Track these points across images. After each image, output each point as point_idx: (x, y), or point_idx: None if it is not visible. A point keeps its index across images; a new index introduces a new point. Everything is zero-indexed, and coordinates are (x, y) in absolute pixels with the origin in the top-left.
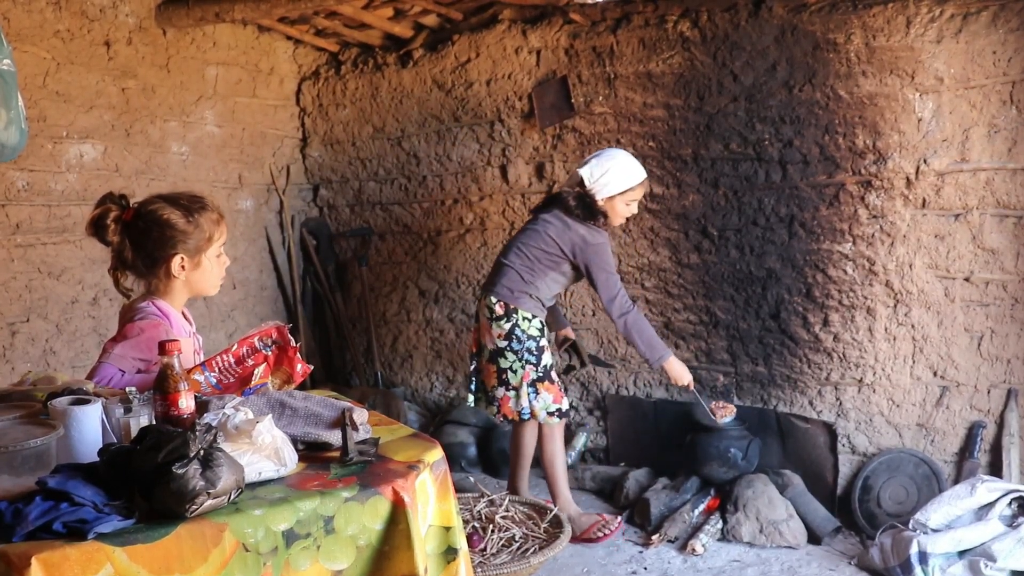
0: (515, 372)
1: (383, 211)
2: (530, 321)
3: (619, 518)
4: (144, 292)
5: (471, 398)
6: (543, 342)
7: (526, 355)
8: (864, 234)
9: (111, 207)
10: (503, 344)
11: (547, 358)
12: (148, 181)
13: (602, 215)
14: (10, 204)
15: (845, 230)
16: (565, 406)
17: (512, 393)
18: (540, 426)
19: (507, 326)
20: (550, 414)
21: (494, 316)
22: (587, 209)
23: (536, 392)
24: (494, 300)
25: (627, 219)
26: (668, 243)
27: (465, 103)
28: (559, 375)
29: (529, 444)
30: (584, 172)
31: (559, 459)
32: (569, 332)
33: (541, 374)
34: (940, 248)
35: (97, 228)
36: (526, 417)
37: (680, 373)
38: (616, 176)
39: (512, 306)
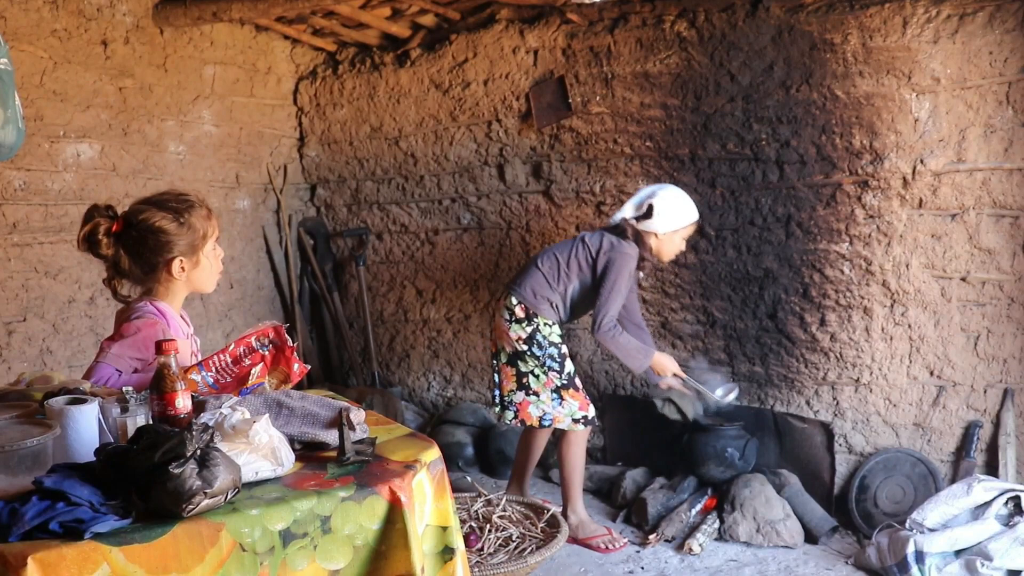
0: (537, 377)
1: (380, 211)
2: (551, 327)
3: (625, 540)
4: (142, 294)
5: (496, 410)
6: (564, 348)
7: (548, 361)
8: (861, 234)
9: (100, 221)
10: (523, 348)
11: (570, 365)
12: (145, 181)
13: (648, 250)
14: (7, 203)
15: (842, 230)
16: (592, 413)
17: (533, 398)
18: (564, 430)
19: (528, 330)
20: (575, 421)
21: (514, 318)
22: (638, 240)
23: (560, 399)
24: (515, 301)
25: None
26: None
27: (462, 103)
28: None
29: (538, 450)
30: (657, 202)
31: (579, 465)
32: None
33: (565, 381)
34: (937, 248)
35: (90, 244)
36: (547, 424)
37: (666, 364)
38: (683, 210)
39: (532, 311)
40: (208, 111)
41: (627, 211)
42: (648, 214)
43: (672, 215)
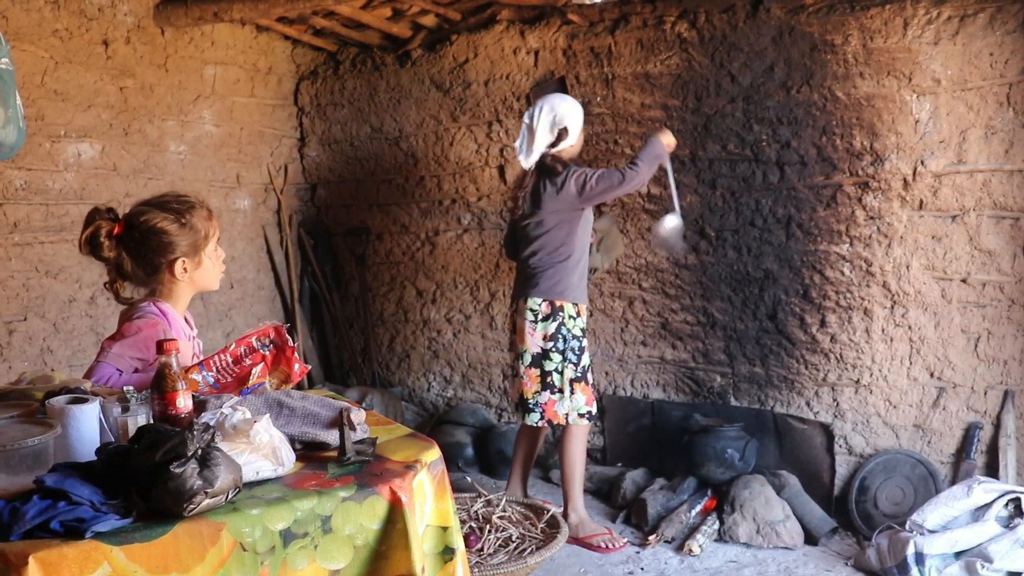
0: (560, 373)
1: (381, 211)
2: (575, 320)
3: (625, 540)
4: (146, 295)
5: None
6: (585, 342)
7: (569, 354)
8: (861, 235)
9: (102, 223)
10: (548, 345)
11: (586, 359)
12: (146, 180)
13: (571, 162)
14: (8, 203)
15: (842, 231)
16: (595, 409)
17: (558, 396)
18: (565, 427)
19: (553, 326)
20: (581, 415)
21: (539, 317)
22: (563, 163)
23: (572, 392)
24: (539, 300)
25: (624, 219)
26: None
27: (463, 103)
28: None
29: (537, 447)
30: (567, 122)
31: (581, 461)
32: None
33: (579, 374)
34: (937, 249)
35: (92, 247)
36: (572, 420)
37: (669, 139)
38: (578, 109)
39: (558, 304)
40: (209, 111)
41: (541, 145)
42: (563, 135)
43: (578, 120)
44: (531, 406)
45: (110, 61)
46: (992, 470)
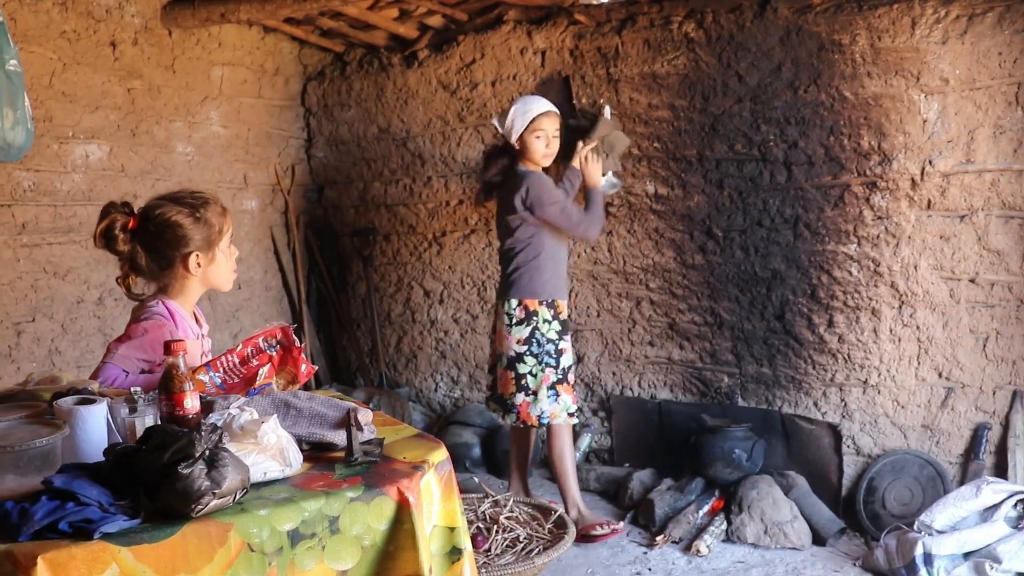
0: (535, 376)
1: (388, 211)
2: (549, 324)
3: (622, 524)
4: (156, 291)
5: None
6: (562, 344)
7: (546, 358)
8: (869, 235)
9: (117, 217)
10: (522, 349)
11: (565, 360)
12: (153, 181)
13: (526, 149)
14: (16, 204)
15: (850, 231)
16: (576, 406)
17: (531, 398)
18: (549, 425)
19: (527, 331)
20: (569, 415)
21: (513, 321)
22: (510, 154)
23: (556, 395)
24: (514, 304)
25: (631, 220)
26: (673, 244)
27: (470, 104)
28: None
29: (531, 446)
30: (494, 121)
31: (569, 456)
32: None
33: (560, 376)
34: (945, 249)
35: (107, 240)
36: (545, 422)
37: (597, 174)
38: (519, 114)
39: (532, 307)
40: (216, 112)
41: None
42: (502, 124)
43: (510, 124)
44: (509, 407)
45: (118, 62)
46: (1001, 471)
